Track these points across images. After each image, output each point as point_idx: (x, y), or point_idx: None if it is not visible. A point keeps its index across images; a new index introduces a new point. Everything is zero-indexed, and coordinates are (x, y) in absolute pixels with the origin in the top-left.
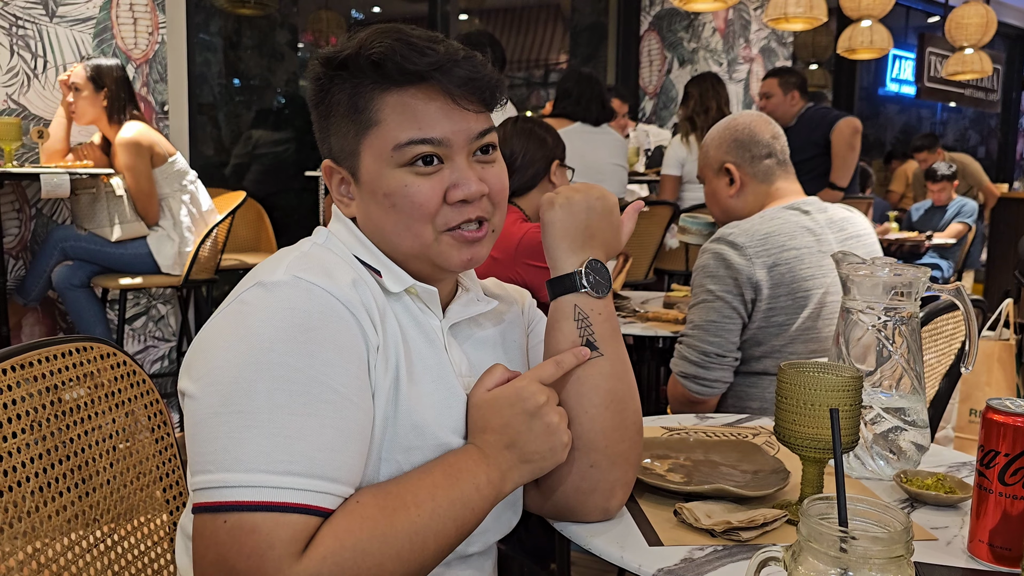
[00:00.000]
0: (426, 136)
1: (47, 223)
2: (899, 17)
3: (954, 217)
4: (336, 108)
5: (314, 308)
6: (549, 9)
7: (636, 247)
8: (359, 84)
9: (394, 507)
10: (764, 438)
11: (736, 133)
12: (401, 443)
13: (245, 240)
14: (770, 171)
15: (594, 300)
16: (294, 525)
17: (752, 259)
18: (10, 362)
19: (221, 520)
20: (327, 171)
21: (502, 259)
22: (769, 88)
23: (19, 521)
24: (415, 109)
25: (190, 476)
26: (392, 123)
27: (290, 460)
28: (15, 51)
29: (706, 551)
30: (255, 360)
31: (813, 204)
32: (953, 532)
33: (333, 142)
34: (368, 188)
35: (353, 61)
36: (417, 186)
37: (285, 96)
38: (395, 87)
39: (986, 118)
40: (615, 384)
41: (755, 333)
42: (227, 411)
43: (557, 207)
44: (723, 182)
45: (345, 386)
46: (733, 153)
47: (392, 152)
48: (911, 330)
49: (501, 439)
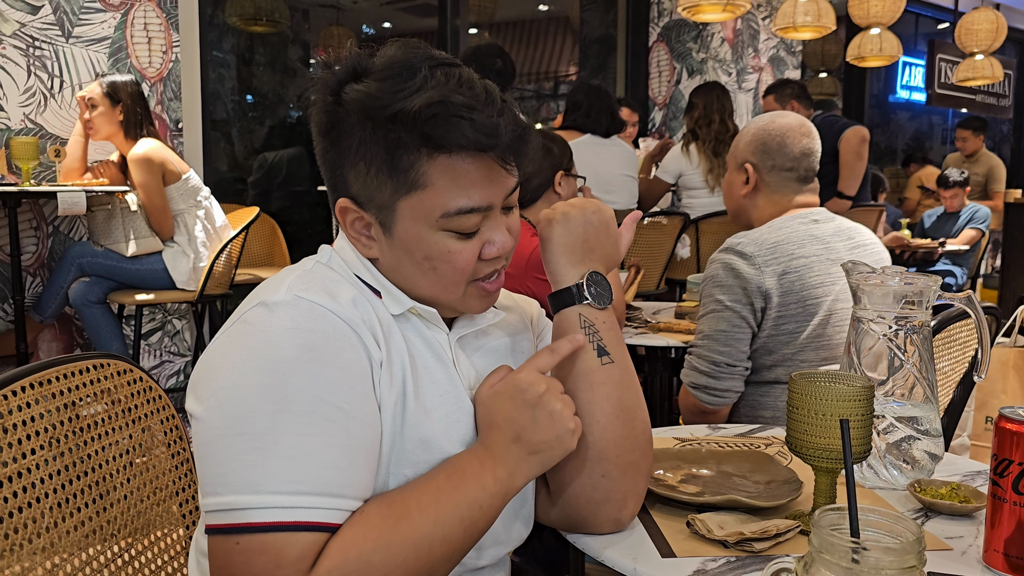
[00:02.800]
0: (475, 205)
1: (64, 240)
2: (908, 24)
3: (967, 223)
4: (362, 153)
5: (316, 327)
6: (558, 21)
7: (647, 258)
8: (401, 140)
9: (398, 515)
10: (776, 448)
11: (767, 136)
12: (409, 458)
13: (259, 255)
14: (786, 184)
15: (597, 311)
16: (302, 543)
17: (761, 268)
18: (29, 379)
19: (233, 542)
20: (343, 210)
21: (513, 273)
22: (768, 106)
23: (38, 537)
24: (464, 177)
25: (201, 497)
26: (440, 189)
27: (298, 480)
28: (32, 72)
29: (719, 562)
30: (259, 381)
31: (821, 214)
32: (968, 542)
33: (352, 183)
34: (404, 245)
35: (401, 119)
36: (460, 251)
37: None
38: (444, 153)
39: (998, 124)
40: (624, 392)
41: (766, 342)
42: (233, 433)
43: (555, 223)
44: (740, 178)
45: (350, 403)
46: (757, 155)
47: (439, 219)
48: (923, 339)
49: (506, 434)
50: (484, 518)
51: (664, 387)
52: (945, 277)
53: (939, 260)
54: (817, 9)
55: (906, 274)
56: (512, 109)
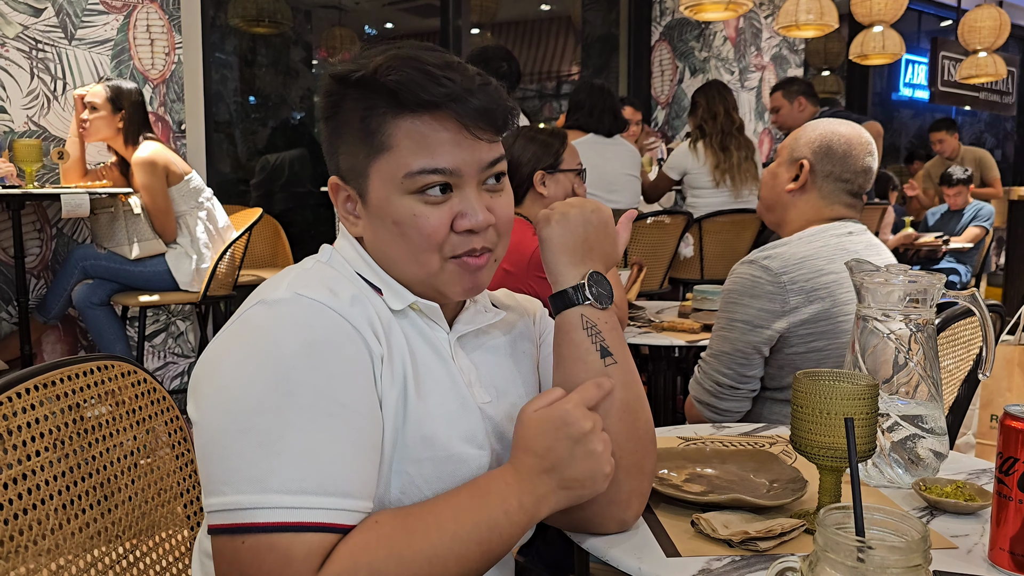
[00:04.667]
0: (438, 166)
1: (68, 242)
2: (911, 22)
3: (971, 221)
4: (347, 126)
5: (317, 323)
6: (560, 21)
7: (651, 257)
8: (372, 106)
9: (414, 528)
10: (781, 447)
11: (833, 139)
12: (411, 455)
13: (262, 256)
14: (835, 195)
15: (599, 311)
16: (310, 543)
17: (786, 286)
18: (33, 381)
19: (240, 541)
20: (334, 187)
21: (515, 272)
22: (775, 102)
23: (43, 538)
24: (428, 137)
25: (205, 497)
26: (404, 150)
27: (303, 479)
28: (35, 74)
29: (724, 562)
30: (263, 379)
31: (856, 226)
32: (973, 540)
33: (342, 160)
34: (376, 212)
35: (368, 83)
36: (426, 216)
37: (300, 112)
38: (409, 113)
39: (1002, 121)
40: (626, 393)
41: (793, 358)
42: (237, 431)
43: (553, 223)
44: (789, 173)
45: (353, 399)
46: (817, 156)
47: (403, 179)
48: (927, 337)
49: (542, 463)
50: (503, 543)
51: (668, 387)
52: (949, 275)
53: (943, 258)
54: (819, 7)
55: (910, 272)
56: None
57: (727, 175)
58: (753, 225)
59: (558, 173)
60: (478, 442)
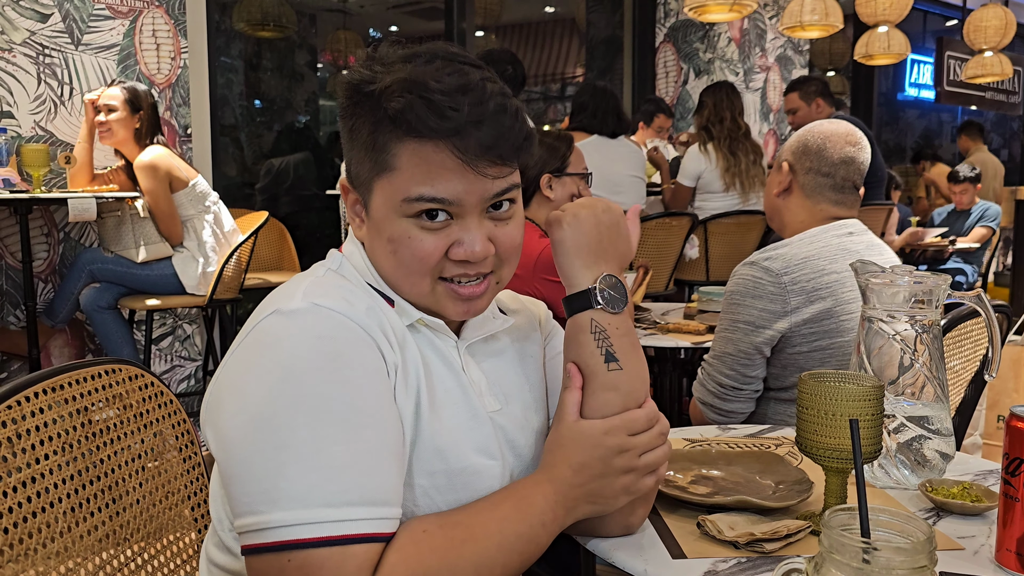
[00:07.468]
0: (437, 195)
1: (75, 246)
2: (916, 22)
3: (977, 221)
4: (358, 134)
5: (339, 334)
6: (564, 23)
7: (656, 258)
8: (379, 121)
9: (463, 538)
10: (787, 449)
11: (808, 138)
12: (424, 467)
13: (268, 259)
14: (818, 191)
15: (611, 315)
16: (359, 556)
17: (787, 287)
18: (41, 385)
19: (285, 559)
20: (344, 188)
21: (521, 275)
22: (792, 103)
23: (52, 541)
24: (430, 164)
25: (238, 518)
26: (406, 174)
27: (343, 490)
28: (42, 79)
29: (730, 563)
30: (289, 392)
31: (856, 226)
32: (980, 541)
33: (352, 165)
34: (375, 225)
35: (377, 99)
36: (420, 240)
37: (305, 116)
38: (413, 138)
39: (1008, 121)
40: (627, 400)
41: (796, 359)
42: (269, 447)
43: (565, 225)
44: (777, 177)
45: (378, 407)
46: (796, 155)
47: (401, 203)
48: (933, 338)
49: (576, 477)
50: (538, 551)
51: (674, 388)
52: (955, 275)
53: (949, 258)
54: (824, 7)
55: (916, 273)
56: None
57: (737, 179)
58: (758, 226)
59: (564, 176)
60: (491, 452)
